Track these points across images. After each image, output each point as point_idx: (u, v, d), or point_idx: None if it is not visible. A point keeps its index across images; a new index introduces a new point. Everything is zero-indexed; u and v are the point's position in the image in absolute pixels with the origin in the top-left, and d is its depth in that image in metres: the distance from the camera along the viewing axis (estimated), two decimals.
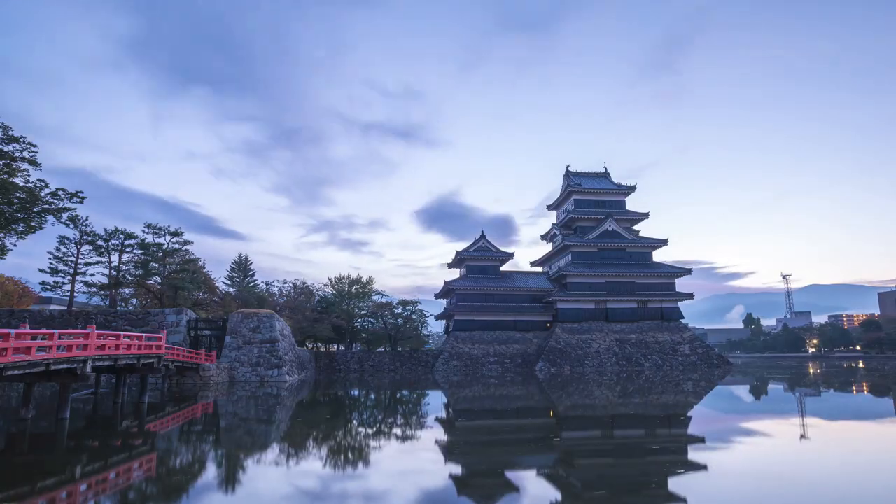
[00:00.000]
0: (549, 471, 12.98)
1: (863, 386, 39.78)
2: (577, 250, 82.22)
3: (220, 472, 13.05)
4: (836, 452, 14.87)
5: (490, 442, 17.61)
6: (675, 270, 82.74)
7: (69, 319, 45.27)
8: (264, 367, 46.31)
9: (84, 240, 51.31)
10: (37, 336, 18.93)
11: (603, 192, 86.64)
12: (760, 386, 41.85)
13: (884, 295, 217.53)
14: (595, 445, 17.01)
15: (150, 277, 55.76)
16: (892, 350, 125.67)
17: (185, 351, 39.95)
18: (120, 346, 24.50)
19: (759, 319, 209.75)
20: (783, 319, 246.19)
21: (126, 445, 17.07)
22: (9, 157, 40.04)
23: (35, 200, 42.44)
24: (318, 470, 12.94)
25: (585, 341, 76.21)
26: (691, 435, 18.44)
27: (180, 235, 56.48)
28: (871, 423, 20.69)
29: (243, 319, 48.24)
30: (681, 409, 26.90)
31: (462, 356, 75.66)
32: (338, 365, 75.80)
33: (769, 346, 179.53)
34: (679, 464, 13.34)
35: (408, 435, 18.89)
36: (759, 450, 15.00)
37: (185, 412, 25.98)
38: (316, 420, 24.15)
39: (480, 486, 11.30)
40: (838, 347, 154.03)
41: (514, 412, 26.77)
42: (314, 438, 18.64)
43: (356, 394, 39.65)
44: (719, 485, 10.87)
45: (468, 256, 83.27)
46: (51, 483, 11.50)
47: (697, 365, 73.79)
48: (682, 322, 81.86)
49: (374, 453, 15.22)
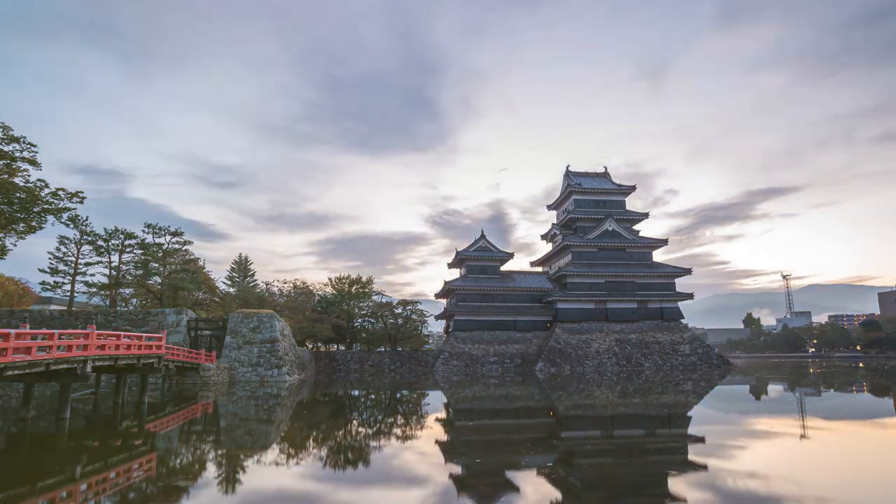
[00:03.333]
0: (550, 471, 12.98)
1: (863, 386, 39.77)
2: (577, 250, 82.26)
3: (220, 472, 13.05)
4: (837, 452, 14.89)
5: (490, 442, 17.61)
6: (675, 270, 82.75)
7: (69, 319, 45.27)
8: (264, 367, 46.31)
9: (84, 240, 51.30)
10: (37, 336, 18.95)
11: (603, 191, 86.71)
12: (760, 386, 41.85)
13: (884, 295, 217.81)
14: (595, 445, 17.01)
15: (150, 277, 55.79)
16: (893, 350, 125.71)
17: (186, 351, 39.97)
18: (120, 346, 24.51)
19: (759, 319, 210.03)
20: (783, 319, 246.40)
21: (126, 445, 17.06)
22: (9, 157, 40.05)
23: (35, 200, 42.46)
24: (318, 470, 12.95)
25: (585, 341, 76.22)
26: (691, 435, 18.44)
27: (180, 235, 56.50)
28: (871, 423, 20.69)
29: (243, 319, 48.25)
30: (681, 409, 26.89)
31: (462, 356, 75.66)
32: (338, 365, 75.81)
33: (769, 346, 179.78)
34: (679, 464, 13.35)
35: (408, 435, 18.89)
36: (760, 450, 15.00)
37: (185, 412, 25.96)
38: (316, 420, 24.16)
39: (480, 486, 11.29)
40: (838, 347, 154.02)
41: (514, 412, 26.78)
42: (314, 439, 18.65)
43: (356, 394, 39.64)
44: (719, 485, 10.86)
45: (468, 256, 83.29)
46: (51, 483, 11.50)
47: (697, 365, 73.79)
48: (682, 322, 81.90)
49: (373, 453, 15.23)
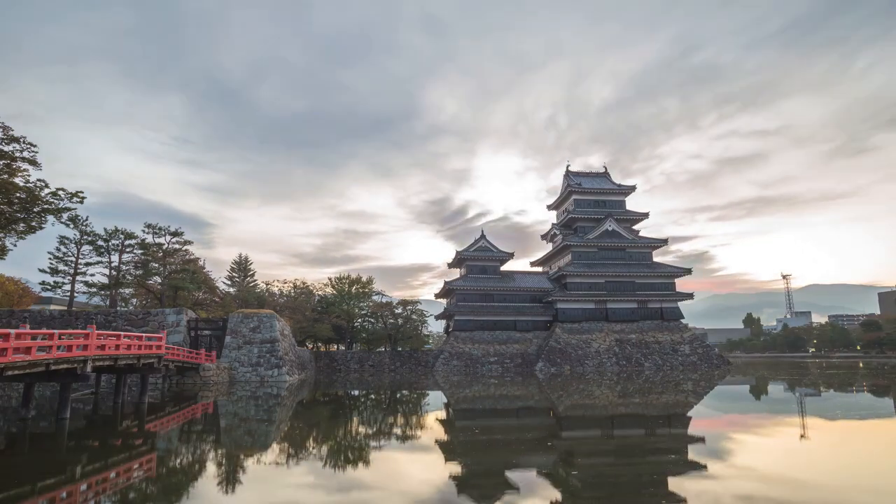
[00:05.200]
0: (550, 471, 12.99)
1: (863, 386, 39.77)
2: (577, 250, 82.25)
3: (220, 472, 13.06)
4: (837, 452, 14.89)
5: (490, 442, 17.61)
6: (675, 270, 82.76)
7: (69, 319, 45.27)
8: (264, 367, 46.31)
9: (84, 240, 51.24)
10: (37, 336, 18.96)
11: (603, 191, 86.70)
12: (760, 386, 41.87)
13: (884, 295, 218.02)
14: (595, 445, 17.02)
15: (150, 277, 55.79)
16: (893, 350, 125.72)
17: (186, 351, 39.99)
18: (120, 346, 24.52)
19: (759, 319, 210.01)
20: (783, 319, 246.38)
21: (126, 445, 17.07)
22: (9, 157, 40.03)
23: (35, 200, 42.43)
24: (318, 470, 12.95)
25: (585, 341, 76.22)
26: (691, 435, 18.43)
27: (180, 235, 56.46)
28: (871, 423, 20.68)
29: (243, 319, 48.25)
30: (681, 409, 26.89)
31: (462, 356, 75.65)
32: (338, 365, 75.81)
33: (769, 346, 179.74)
34: (679, 464, 13.35)
35: (408, 435, 18.90)
36: (760, 450, 15.01)
37: (186, 412, 25.97)
38: (316, 420, 24.18)
39: (480, 486, 11.30)
40: (838, 347, 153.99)
41: (514, 412, 26.78)
42: (314, 439, 18.66)
43: (356, 394, 39.64)
44: (719, 485, 10.87)
45: (468, 256, 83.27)
46: (51, 483, 11.51)
47: (697, 365, 73.78)
48: (682, 322, 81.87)
49: (373, 453, 15.24)
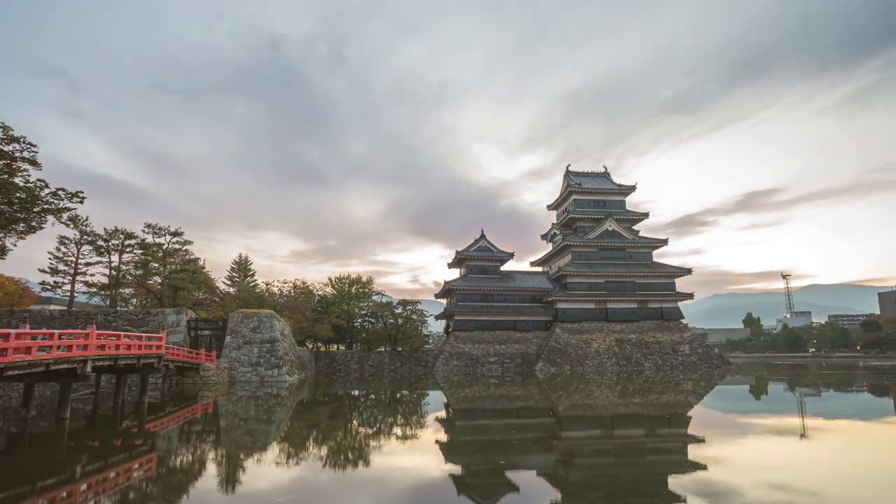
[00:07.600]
0: (550, 471, 12.99)
1: (862, 386, 39.77)
2: (577, 250, 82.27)
3: (220, 472, 13.06)
4: (837, 452, 14.88)
5: (490, 442, 17.61)
6: (675, 270, 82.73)
7: (69, 319, 45.26)
8: (264, 367, 46.31)
9: (84, 240, 51.29)
10: (37, 336, 18.96)
11: (603, 191, 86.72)
12: (760, 386, 41.87)
13: (884, 295, 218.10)
14: (595, 445, 17.01)
15: (150, 277, 55.79)
16: (893, 350, 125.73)
17: (186, 351, 39.99)
18: (120, 345, 24.53)
19: (759, 319, 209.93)
20: (783, 319, 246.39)
21: (126, 445, 17.07)
22: (9, 157, 40.05)
23: (35, 200, 42.47)
24: (318, 470, 12.95)
25: (585, 341, 76.22)
26: (691, 435, 18.43)
27: (180, 235, 56.50)
28: (870, 423, 20.68)
29: (243, 319, 48.25)
30: (681, 408, 26.89)
31: (462, 356, 75.65)
32: (338, 365, 75.80)
33: (769, 346, 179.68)
34: (679, 464, 13.35)
35: (408, 435, 18.90)
36: (759, 449, 15.00)
37: (186, 412, 25.97)
38: (316, 420, 24.18)
39: (480, 486, 11.30)
40: (838, 347, 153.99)
41: (514, 412, 26.77)
42: (314, 438, 18.67)
43: (356, 394, 39.64)
44: (719, 485, 10.86)
45: (468, 256, 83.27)
46: (51, 483, 11.51)
47: (697, 365, 73.79)
48: (682, 322, 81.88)
49: (373, 453, 15.23)
